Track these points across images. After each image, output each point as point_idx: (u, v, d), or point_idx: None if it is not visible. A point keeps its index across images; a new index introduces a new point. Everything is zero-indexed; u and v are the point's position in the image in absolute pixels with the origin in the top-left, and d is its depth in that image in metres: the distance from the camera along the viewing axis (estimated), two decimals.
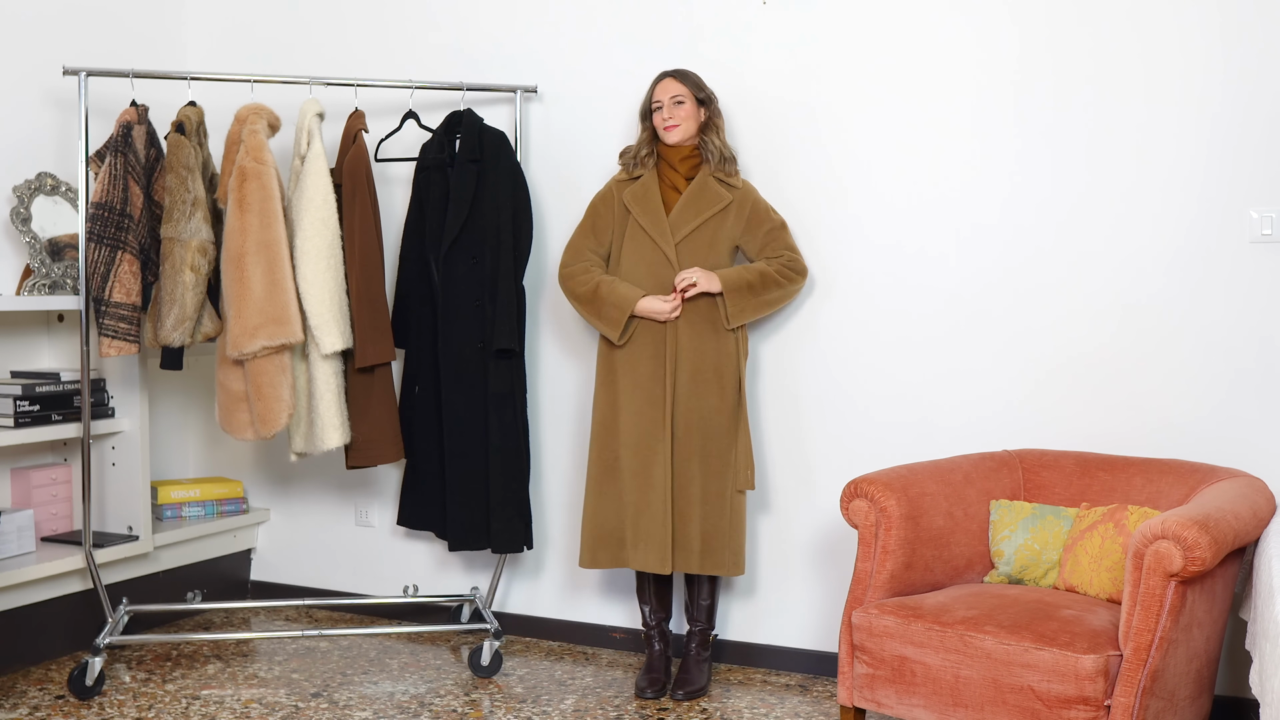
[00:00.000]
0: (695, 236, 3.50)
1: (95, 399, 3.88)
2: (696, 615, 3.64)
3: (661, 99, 3.53)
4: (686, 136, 3.54)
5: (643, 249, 3.51)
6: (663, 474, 3.46)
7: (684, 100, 3.52)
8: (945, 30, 3.59)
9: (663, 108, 3.53)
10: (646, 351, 3.50)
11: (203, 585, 4.36)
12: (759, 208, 3.58)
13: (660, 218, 3.50)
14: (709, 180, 3.54)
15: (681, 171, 3.56)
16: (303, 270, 3.62)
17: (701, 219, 3.50)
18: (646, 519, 3.46)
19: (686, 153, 3.56)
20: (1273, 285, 3.25)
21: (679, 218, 3.50)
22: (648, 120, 3.58)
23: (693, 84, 3.55)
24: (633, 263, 3.52)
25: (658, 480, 3.46)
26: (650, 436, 3.47)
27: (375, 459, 3.82)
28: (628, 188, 3.58)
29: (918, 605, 2.94)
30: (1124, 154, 3.40)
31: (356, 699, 3.54)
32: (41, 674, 3.73)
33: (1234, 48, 3.27)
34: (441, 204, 3.83)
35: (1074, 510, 3.19)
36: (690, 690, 3.53)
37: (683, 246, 3.49)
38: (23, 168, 3.94)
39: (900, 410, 3.66)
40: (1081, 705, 2.63)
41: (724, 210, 3.52)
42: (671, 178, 3.56)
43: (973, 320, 3.58)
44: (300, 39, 4.45)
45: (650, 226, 3.49)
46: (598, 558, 3.54)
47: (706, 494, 3.48)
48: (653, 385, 3.48)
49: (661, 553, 3.45)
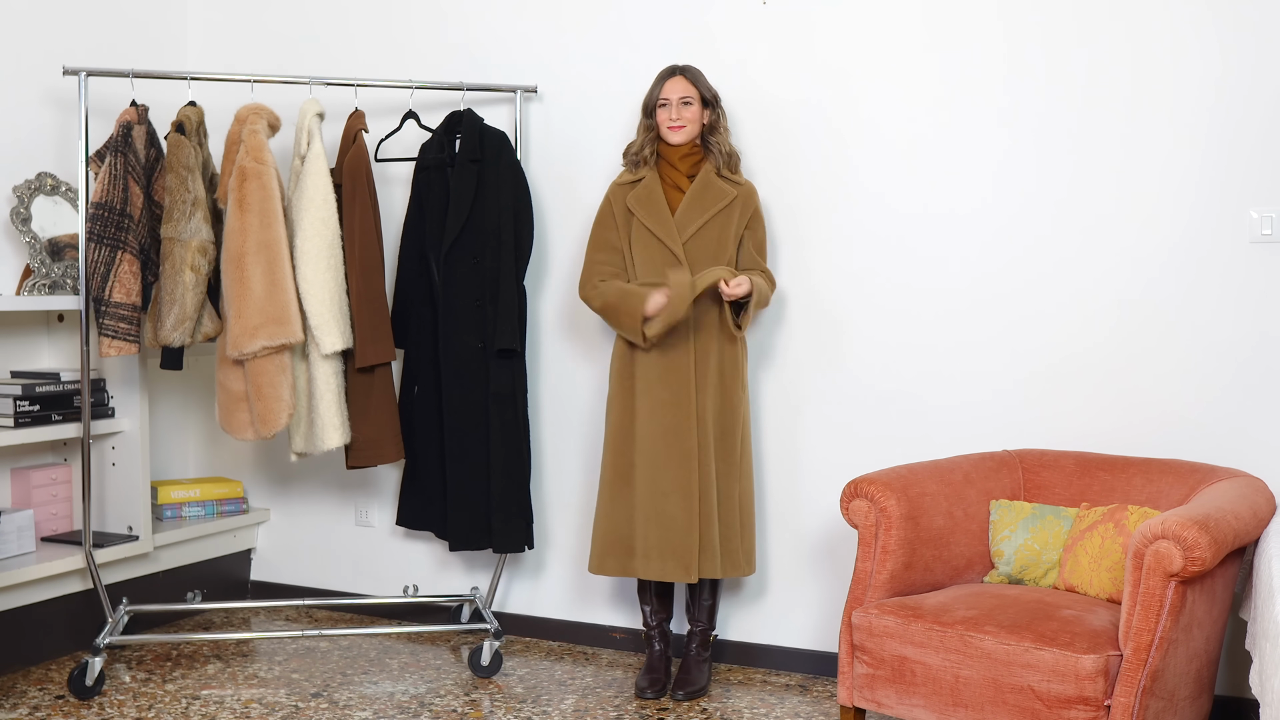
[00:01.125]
0: (702, 234, 3.48)
1: (95, 399, 3.88)
2: (698, 616, 3.64)
3: (670, 97, 3.48)
4: (691, 138, 3.52)
5: (651, 250, 3.48)
6: (691, 481, 3.42)
7: (692, 101, 3.49)
8: (946, 30, 3.59)
9: (670, 106, 3.48)
10: (669, 356, 3.46)
11: (203, 585, 4.36)
12: (758, 212, 3.58)
13: (666, 218, 3.47)
14: (712, 177, 3.52)
15: (683, 170, 3.53)
16: (303, 270, 3.62)
17: (707, 216, 3.48)
18: (662, 528, 3.43)
19: (687, 150, 3.53)
20: (1272, 285, 3.25)
21: (685, 216, 3.48)
22: (651, 116, 3.52)
23: (702, 84, 3.52)
24: (643, 263, 3.50)
25: (684, 487, 3.42)
26: (674, 443, 3.44)
27: (375, 459, 3.82)
28: (629, 192, 3.54)
29: (918, 605, 2.94)
30: (1124, 154, 3.40)
31: (356, 699, 3.54)
32: (41, 674, 3.73)
33: (1235, 47, 3.27)
34: (441, 204, 3.83)
35: (1074, 510, 3.19)
36: (691, 690, 3.53)
37: (690, 245, 3.47)
38: (23, 168, 3.94)
39: (900, 410, 3.66)
40: (1081, 705, 2.63)
41: (729, 206, 3.50)
42: (673, 176, 3.54)
43: (973, 320, 3.58)
44: (300, 39, 4.45)
45: (656, 228, 3.47)
46: (605, 564, 3.52)
47: (724, 496, 3.49)
48: (678, 390, 3.45)
49: (687, 561, 3.41)
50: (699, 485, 3.43)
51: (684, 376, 3.45)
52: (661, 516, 3.43)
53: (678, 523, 3.41)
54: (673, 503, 3.42)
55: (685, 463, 3.42)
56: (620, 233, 3.55)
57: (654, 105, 3.51)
